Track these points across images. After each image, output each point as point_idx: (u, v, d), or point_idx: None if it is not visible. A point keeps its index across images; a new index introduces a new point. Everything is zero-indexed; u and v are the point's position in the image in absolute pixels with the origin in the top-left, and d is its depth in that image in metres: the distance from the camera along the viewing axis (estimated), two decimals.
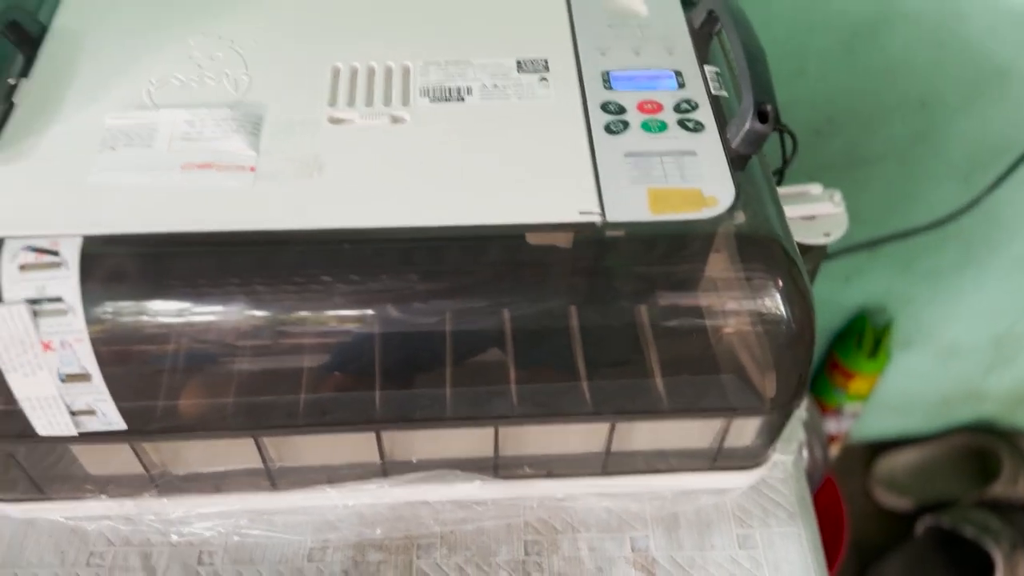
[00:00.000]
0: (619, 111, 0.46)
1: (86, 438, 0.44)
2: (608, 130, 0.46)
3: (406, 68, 0.49)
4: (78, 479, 0.50)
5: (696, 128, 0.46)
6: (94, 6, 0.52)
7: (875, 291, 1.05)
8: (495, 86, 0.48)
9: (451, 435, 0.49)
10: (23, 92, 0.47)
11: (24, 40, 0.49)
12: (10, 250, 0.40)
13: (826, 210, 0.57)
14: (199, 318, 0.41)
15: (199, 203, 0.42)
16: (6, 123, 0.45)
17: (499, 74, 0.49)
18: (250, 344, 0.42)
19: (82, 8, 0.52)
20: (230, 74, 0.48)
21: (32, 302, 0.39)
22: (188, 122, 0.45)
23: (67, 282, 0.39)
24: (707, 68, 0.49)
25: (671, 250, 0.42)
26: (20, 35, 0.49)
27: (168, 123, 0.45)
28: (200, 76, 0.48)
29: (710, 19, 0.51)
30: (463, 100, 0.47)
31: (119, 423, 0.43)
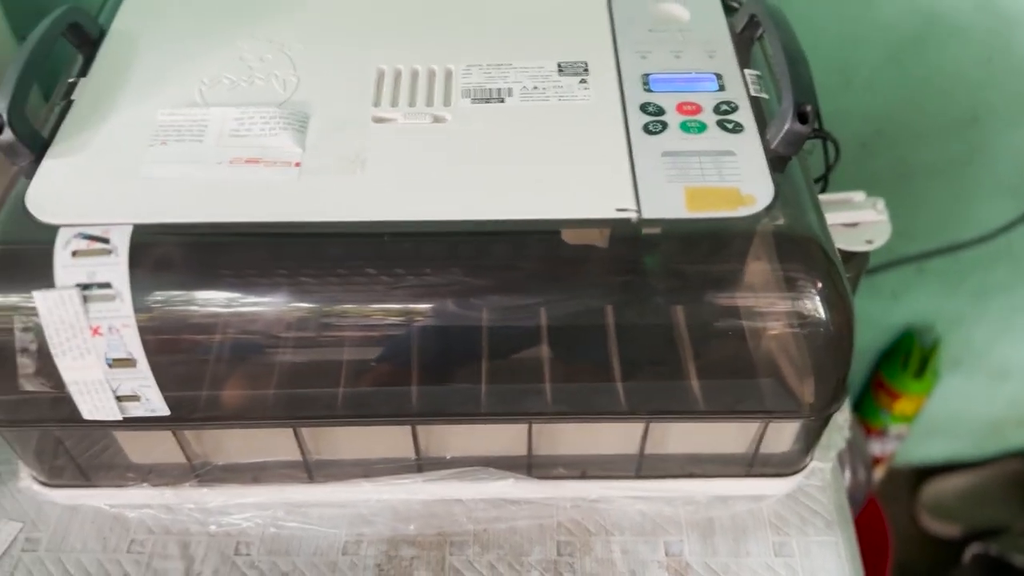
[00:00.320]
0: (658, 112, 0.47)
1: (130, 424, 0.45)
2: (646, 130, 0.46)
3: (448, 70, 0.50)
4: (121, 467, 0.51)
5: (735, 129, 0.46)
6: (151, 10, 0.54)
7: (923, 309, 1.03)
8: (535, 88, 0.49)
9: (485, 432, 0.49)
10: (81, 90, 0.49)
11: (84, 41, 0.51)
12: (63, 237, 0.41)
13: (869, 217, 0.56)
14: (243, 308, 0.42)
15: (245, 196, 0.43)
16: (65, 119, 0.47)
17: (539, 76, 0.49)
18: (291, 335, 0.43)
19: (139, 12, 0.54)
20: (279, 75, 0.49)
21: (83, 287, 0.41)
22: (237, 119, 0.46)
23: (116, 269, 0.41)
24: (748, 71, 0.49)
25: (707, 248, 0.42)
26: (80, 37, 0.51)
27: (218, 120, 0.46)
28: (250, 76, 0.49)
29: (751, 24, 0.51)
30: (503, 101, 0.48)
31: (163, 409, 0.44)
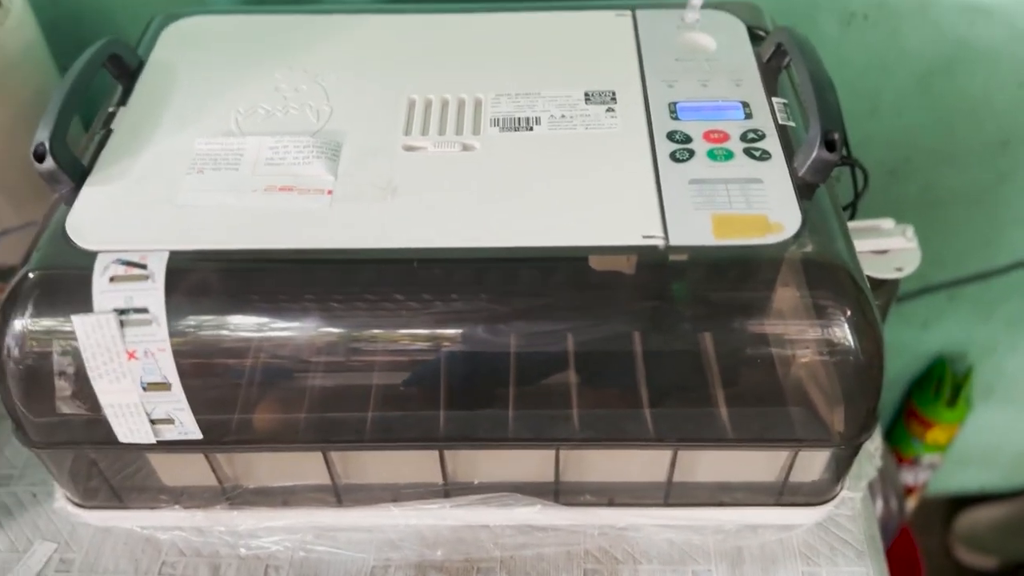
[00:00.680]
0: (685, 140, 0.47)
1: (164, 447, 0.46)
2: (673, 158, 0.46)
3: (477, 99, 0.50)
4: (153, 490, 0.52)
5: (763, 157, 0.46)
6: (188, 42, 0.56)
7: (955, 337, 1.02)
8: (563, 116, 0.49)
9: (513, 458, 0.50)
10: (120, 119, 0.50)
11: (123, 72, 0.53)
12: (102, 263, 0.42)
13: (898, 244, 0.56)
14: (276, 332, 0.43)
15: (279, 223, 0.44)
16: (104, 147, 0.48)
17: (567, 105, 0.50)
18: (323, 359, 0.44)
19: (177, 43, 0.56)
20: (312, 105, 0.50)
21: (120, 312, 0.42)
22: (272, 148, 0.47)
23: (153, 294, 0.42)
24: (775, 100, 0.49)
25: (735, 275, 0.42)
26: (120, 67, 0.53)
27: (254, 148, 0.47)
28: (285, 106, 0.50)
29: (778, 52, 0.51)
30: (532, 129, 0.49)
31: (195, 433, 0.45)
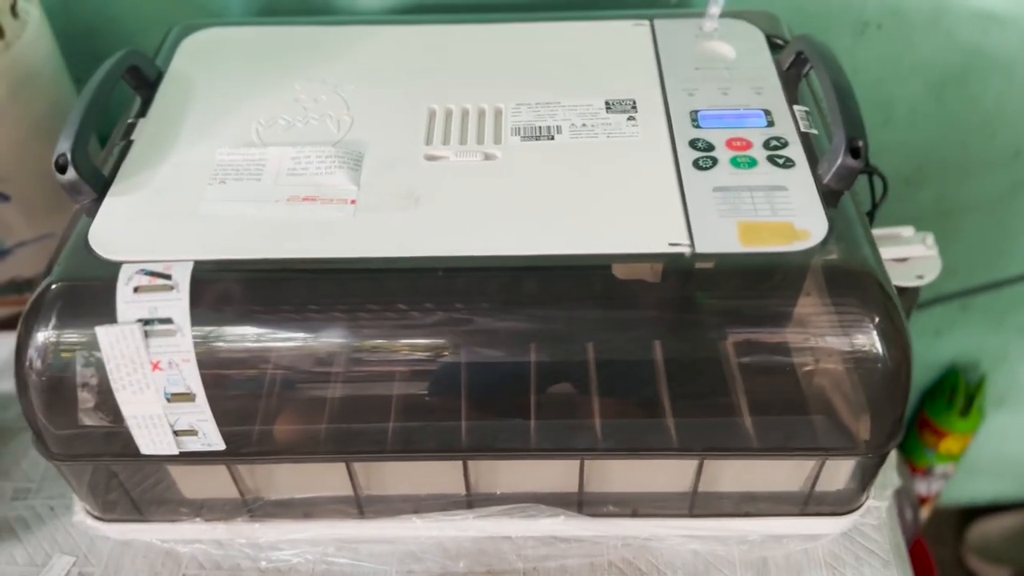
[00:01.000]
0: (707, 148, 0.47)
1: (186, 458, 0.45)
2: (696, 166, 0.46)
3: (498, 109, 0.50)
4: (174, 502, 0.51)
5: (786, 164, 0.46)
6: (206, 54, 0.56)
7: (967, 346, 1.02)
8: (584, 125, 0.49)
9: (536, 469, 0.49)
10: (141, 130, 0.50)
11: (142, 83, 0.53)
12: (126, 273, 0.42)
13: (918, 252, 0.56)
14: (301, 342, 0.43)
15: (303, 232, 0.44)
16: (125, 158, 0.48)
17: (588, 114, 0.50)
18: (348, 370, 0.44)
19: (195, 55, 0.56)
20: (333, 115, 0.50)
21: (144, 323, 0.41)
22: (294, 158, 0.47)
23: (178, 304, 0.41)
24: (796, 108, 0.49)
25: (762, 282, 0.42)
26: (139, 79, 0.53)
27: (275, 159, 0.47)
28: (305, 117, 0.50)
29: (798, 60, 0.52)
30: (553, 138, 0.48)
31: (219, 444, 0.45)
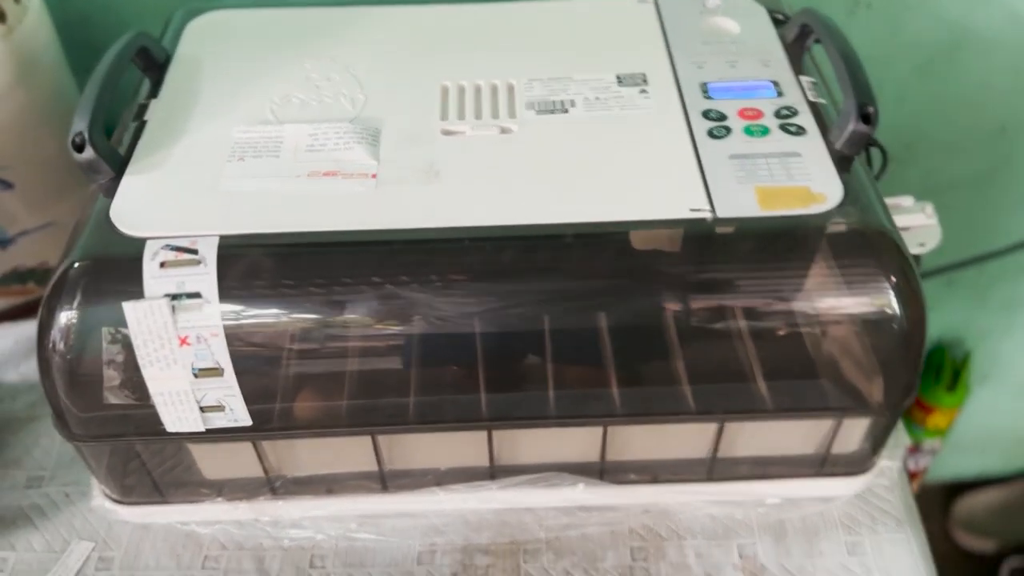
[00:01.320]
0: (720, 118, 0.48)
1: (211, 434, 0.45)
2: (711, 135, 0.47)
3: (510, 85, 0.51)
4: (194, 484, 0.51)
5: (798, 132, 0.47)
6: (213, 36, 0.56)
7: (952, 323, 1.04)
8: (597, 98, 0.50)
9: (558, 438, 0.50)
10: (153, 111, 0.50)
11: (151, 66, 0.53)
12: (151, 249, 0.42)
13: (919, 221, 0.57)
14: (329, 315, 0.43)
15: (327, 206, 0.44)
16: (140, 138, 0.48)
17: (600, 88, 0.51)
18: (375, 341, 0.44)
19: (202, 37, 0.56)
20: (346, 93, 0.51)
21: (172, 297, 0.41)
22: (312, 135, 0.48)
23: (205, 278, 0.41)
24: (803, 78, 0.50)
25: (784, 245, 0.43)
26: (148, 61, 0.52)
27: (293, 136, 0.48)
28: (319, 95, 0.51)
29: (803, 33, 0.53)
30: (567, 112, 0.49)
31: (245, 419, 0.45)
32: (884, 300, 0.43)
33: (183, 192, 0.45)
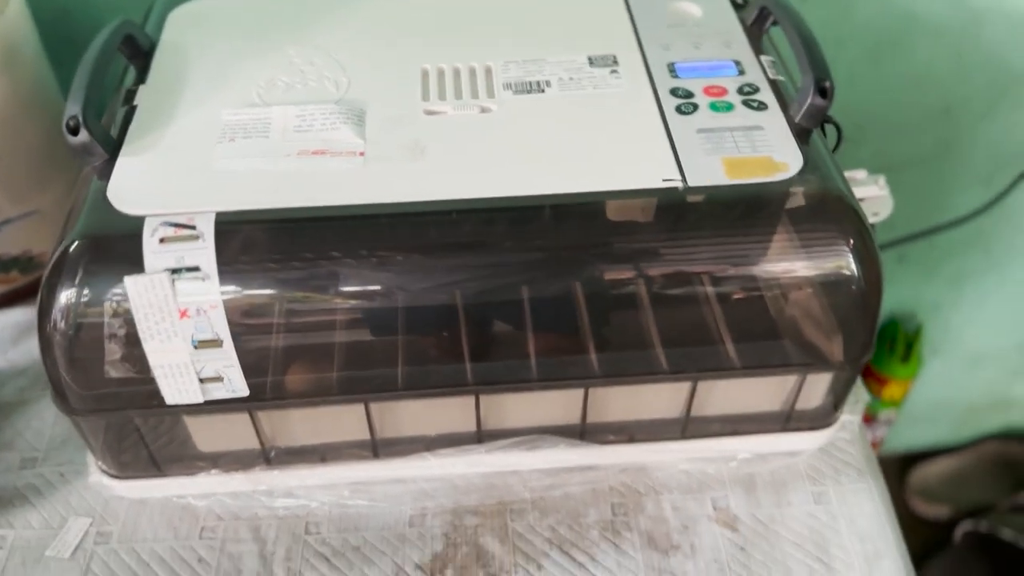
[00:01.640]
0: (687, 95, 0.51)
1: (209, 406, 0.47)
2: (679, 111, 0.50)
3: (488, 67, 0.53)
4: (189, 458, 0.53)
5: (760, 107, 0.50)
6: (196, 24, 0.57)
7: (904, 297, 1.09)
8: (571, 79, 0.52)
9: (541, 401, 0.52)
10: (142, 96, 0.51)
11: (136, 54, 0.54)
12: (151, 226, 0.44)
13: (872, 193, 0.61)
14: (323, 287, 0.45)
15: (317, 183, 0.46)
16: (131, 122, 0.50)
17: (573, 69, 0.53)
18: (368, 311, 0.46)
19: (186, 26, 0.57)
20: (330, 77, 0.53)
21: (172, 271, 0.43)
22: (299, 116, 0.49)
23: (204, 252, 0.43)
24: (763, 58, 0.54)
25: (751, 210, 0.46)
26: (133, 48, 0.54)
27: (280, 117, 0.49)
28: (303, 79, 0.52)
29: (761, 16, 0.56)
30: (544, 91, 0.52)
31: (243, 390, 0.46)
32: (843, 261, 0.46)
33: (178, 172, 0.47)
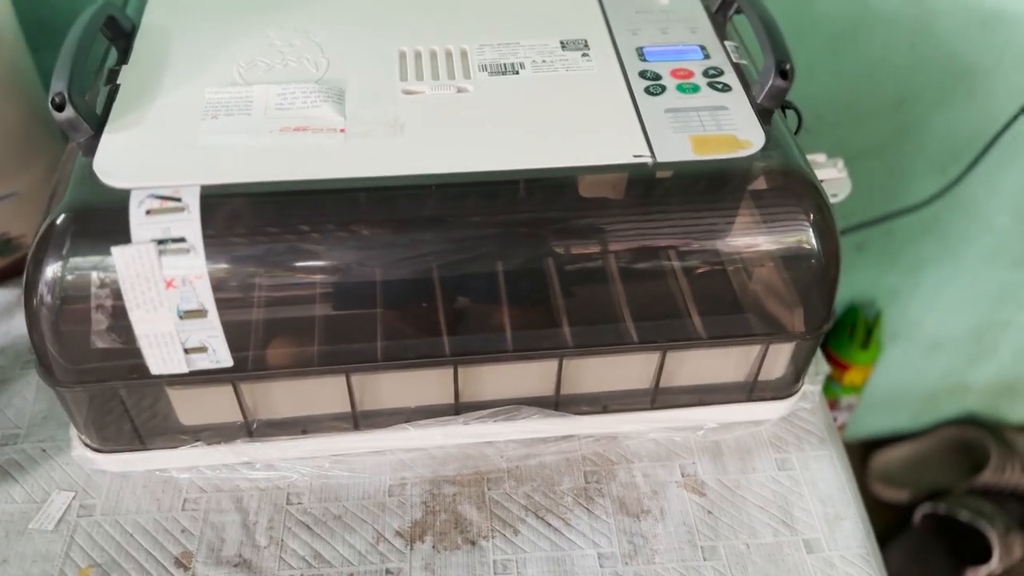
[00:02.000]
0: (656, 77, 0.53)
1: (193, 377, 0.48)
2: (648, 92, 0.52)
3: (463, 50, 0.55)
4: (172, 431, 0.54)
5: (724, 89, 0.52)
6: (176, 6, 0.58)
7: (864, 284, 1.12)
8: (544, 61, 0.54)
9: (517, 372, 0.54)
10: (125, 76, 0.52)
11: (118, 34, 0.55)
12: (137, 198, 0.45)
13: (831, 175, 0.64)
14: (306, 260, 0.47)
15: (300, 158, 0.47)
16: (115, 100, 0.51)
17: (546, 52, 0.55)
18: (346, 283, 0.47)
19: (167, 8, 0.58)
20: (309, 58, 0.54)
21: (158, 242, 0.44)
22: (280, 95, 0.51)
23: (190, 224, 0.44)
24: (727, 43, 0.56)
25: (716, 184, 0.48)
26: (115, 30, 0.55)
27: (262, 96, 0.51)
28: (283, 60, 0.54)
29: (724, 4, 0.58)
30: (518, 73, 0.54)
31: (227, 360, 0.48)
32: (804, 235, 0.49)
33: (163, 147, 0.48)
